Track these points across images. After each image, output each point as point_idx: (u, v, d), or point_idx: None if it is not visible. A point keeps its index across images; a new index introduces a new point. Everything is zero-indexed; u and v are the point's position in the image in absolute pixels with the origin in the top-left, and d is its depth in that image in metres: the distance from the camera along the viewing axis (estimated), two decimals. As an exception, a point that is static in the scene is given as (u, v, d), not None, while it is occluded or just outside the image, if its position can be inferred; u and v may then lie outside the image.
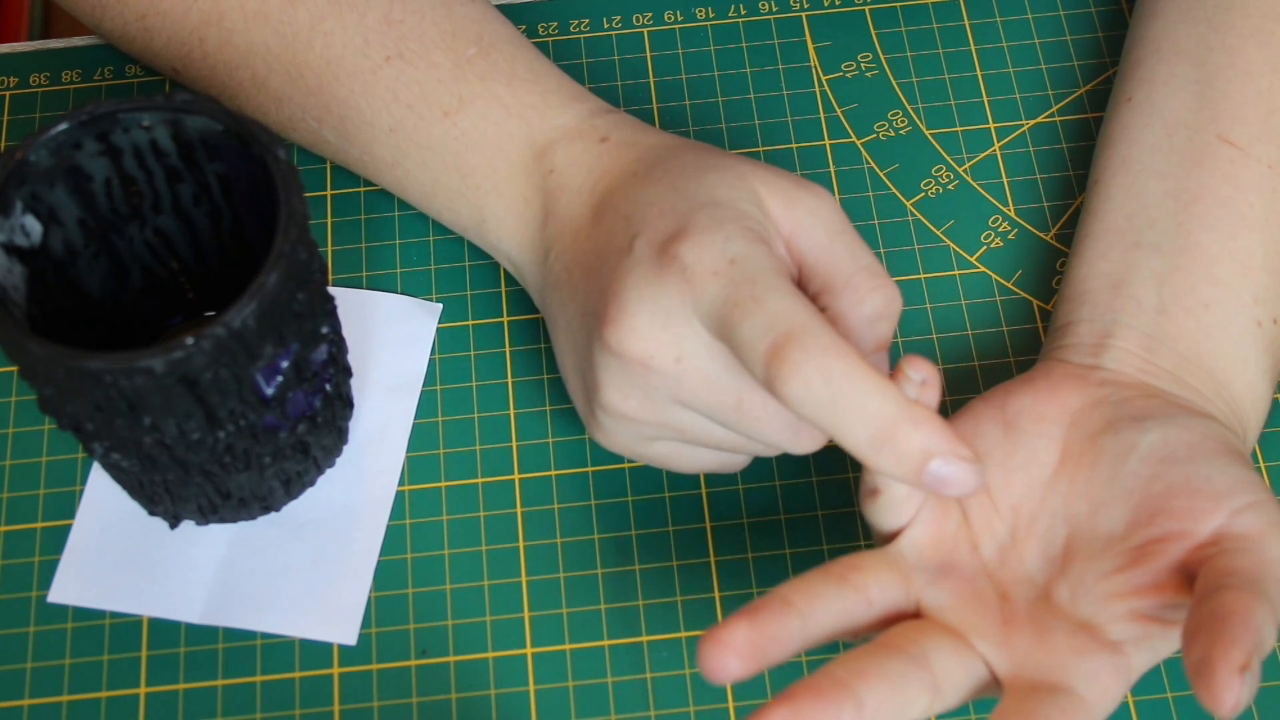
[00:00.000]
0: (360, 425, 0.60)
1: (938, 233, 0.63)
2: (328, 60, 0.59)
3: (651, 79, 0.67)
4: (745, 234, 0.49)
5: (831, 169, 0.65)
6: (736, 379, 0.49)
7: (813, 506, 0.58)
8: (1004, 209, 0.64)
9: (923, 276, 0.62)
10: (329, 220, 0.64)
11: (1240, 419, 0.53)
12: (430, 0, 0.59)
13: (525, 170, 0.57)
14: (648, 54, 0.68)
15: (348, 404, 0.58)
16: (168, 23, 0.61)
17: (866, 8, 0.69)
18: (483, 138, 0.57)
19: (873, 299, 0.50)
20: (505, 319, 0.62)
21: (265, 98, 0.61)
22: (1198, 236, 0.55)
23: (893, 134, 0.66)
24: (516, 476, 0.59)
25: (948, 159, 0.65)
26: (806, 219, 0.51)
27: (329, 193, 0.65)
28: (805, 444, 0.51)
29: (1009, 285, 0.62)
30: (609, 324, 0.50)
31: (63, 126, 0.51)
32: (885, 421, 0.44)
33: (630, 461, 0.59)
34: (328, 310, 0.53)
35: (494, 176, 0.57)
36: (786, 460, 0.59)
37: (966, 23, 0.68)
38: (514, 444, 0.60)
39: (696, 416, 0.51)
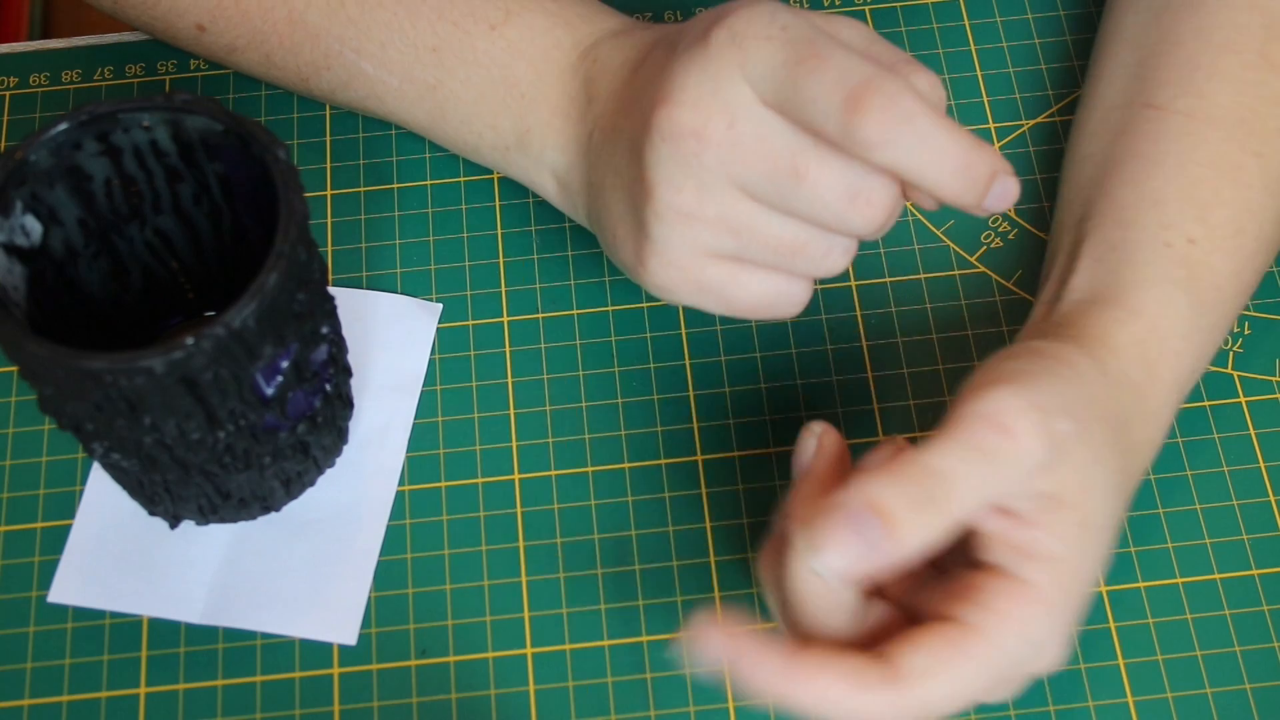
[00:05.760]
0: (360, 425, 0.60)
1: (938, 233, 0.63)
2: None
3: (651, 79, 0.67)
4: (790, 8, 0.50)
5: (831, 169, 0.65)
6: (791, 141, 0.49)
7: (813, 506, 0.58)
8: (1004, 209, 0.64)
9: (923, 276, 0.62)
10: (329, 220, 0.64)
11: (1158, 336, 0.54)
12: None
13: (571, 69, 0.57)
14: (648, 54, 0.67)
15: (348, 404, 0.58)
16: None
17: (866, 8, 0.68)
18: (530, 46, 0.58)
19: (920, 77, 0.50)
20: (505, 319, 0.62)
21: (301, 35, 0.61)
22: (1114, 194, 0.56)
23: (893, 134, 0.66)
24: (516, 476, 0.59)
25: (948, 159, 0.65)
26: (845, 31, 0.51)
27: (329, 193, 0.65)
28: (862, 212, 0.50)
29: (1009, 285, 0.62)
30: (659, 107, 0.50)
31: (63, 126, 0.51)
32: (964, 152, 0.48)
33: (630, 461, 0.59)
34: (328, 310, 0.53)
35: (540, 83, 0.58)
36: (786, 460, 0.59)
37: (966, 23, 0.68)
38: (514, 444, 0.60)
39: (753, 206, 0.51)
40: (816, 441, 0.50)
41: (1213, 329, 0.55)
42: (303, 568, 0.57)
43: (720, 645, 0.47)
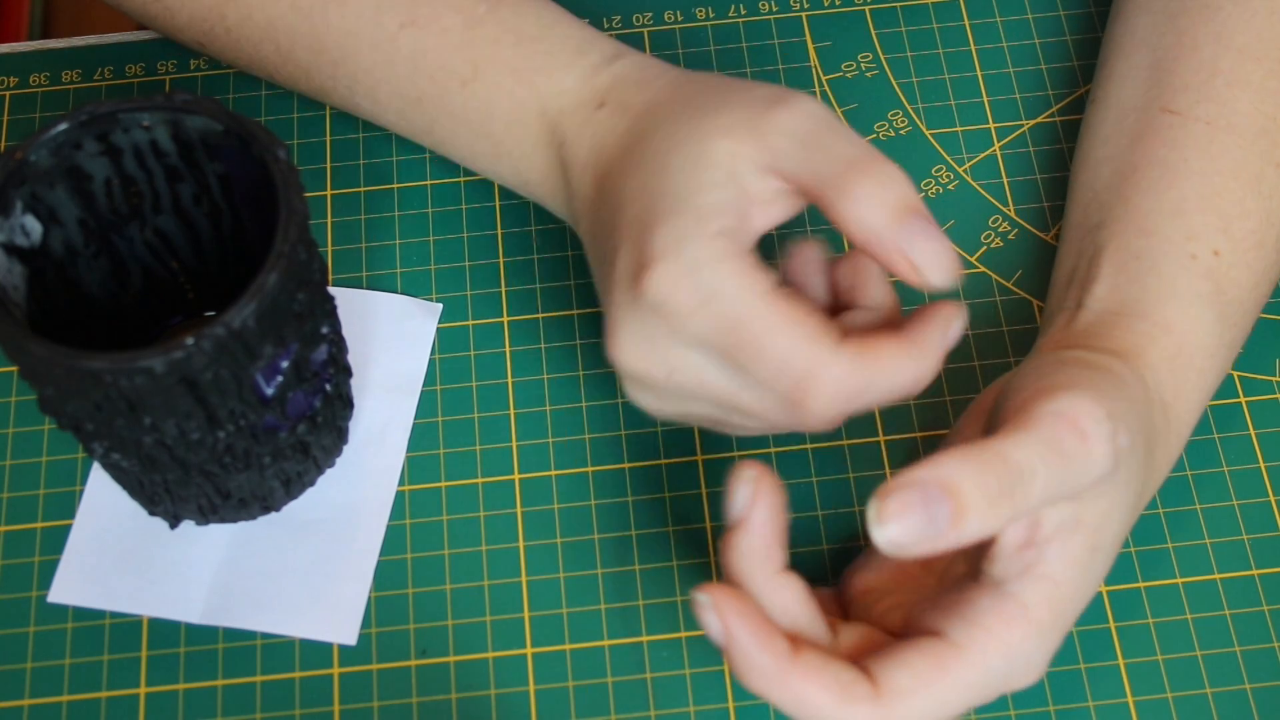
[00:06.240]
0: (360, 425, 0.60)
1: (938, 233, 0.63)
2: (346, 31, 0.59)
3: (651, 79, 0.67)
4: (708, 253, 0.49)
5: (831, 169, 0.65)
6: (730, 378, 0.50)
7: (812, 506, 0.58)
8: (1004, 209, 0.64)
9: (923, 276, 0.62)
10: (329, 220, 0.64)
11: (1187, 352, 0.54)
12: None
13: (545, 142, 0.57)
14: (647, 54, 0.67)
15: (348, 404, 0.58)
16: (187, 1, 0.61)
17: (866, 8, 0.68)
18: (499, 108, 0.57)
19: (861, 189, 0.48)
20: (505, 319, 0.62)
21: (294, 69, 0.61)
22: (1135, 201, 0.56)
23: (893, 134, 0.66)
24: (516, 476, 0.59)
25: (948, 159, 0.65)
26: (778, 142, 0.50)
27: (329, 193, 0.65)
28: (807, 424, 0.51)
29: (1009, 285, 0.62)
30: (607, 338, 0.51)
31: (63, 126, 0.51)
32: (915, 373, 0.49)
33: (630, 461, 0.59)
34: (328, 310, 0.53)
35: (520, 146, 0.58)
36: (787, 460, 0.59)
37: (966, 23, 0.68)
38: (514, 444, 0.60)
39: (707, 410, 0.52)
40: (751, 488, 0.49)
41: (1233, 345, 0.55)
42: (303, 568, 0.57)
43: (724, 626, 0.47)
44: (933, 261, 0.48)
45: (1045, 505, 0.46)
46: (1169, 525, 0.58)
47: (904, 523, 0.44)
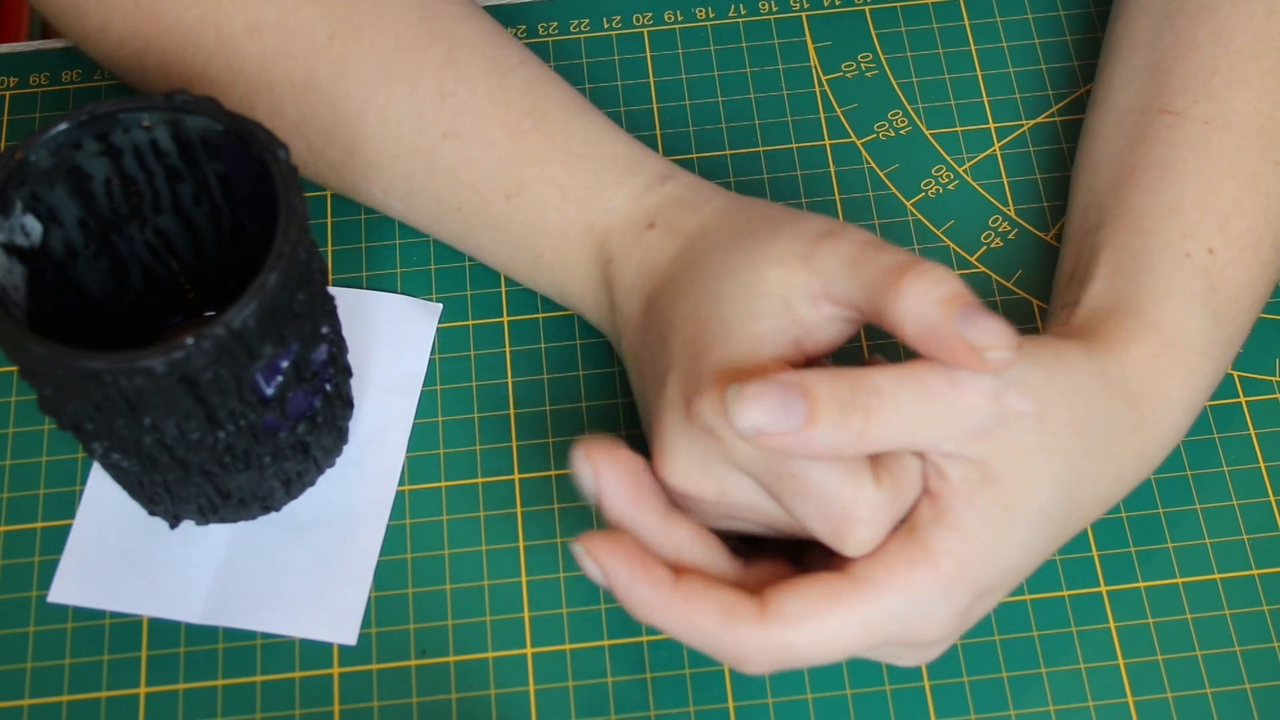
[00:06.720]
0: (360, 425, 0.60)
1: (938, 233, 0.63)
2: (384, 136, 0.58)
3: (651, 79, 0.67)
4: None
5: (831, 169, 0.65)
6: (774, 504, 0.50)
7: (813, 506, 0.58)
8: (1004, 209, 0.64)
9: (923, 276, 0.62)
10: (329, 220, 0.64)
11: (1173, 350, 0.54)
12: (482, 65, 0.58)
13: (591, 258, 0.57)
14: (648, 54, 0.68)
15: (348, 404, 0.58)
16: (214, 92, 0.60)
17: (866, 8, 0.69)
18: (545, 223, 0.57)
19: (910, 289, 0.48)
20: (505, 319, 0.62)
21: (324, 167, 0.60)
22: (1132, 201, 0.56)
23: (893, 134, 0.66)
24: (516, 476, 0.59)
25: (948, 159, 0.65)
26: (827, 267, 0.50)
27: (329, 193, 0.65)
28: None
29: (1009, 285, 0.62)
30: (656, 458, 0.51)
31: (63, 126, 0.51)
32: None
33: (630, 461, 0.59)
34: (328, 310, 0.53)
35: (564, 260, 0.57)
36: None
37: (966, 23, 0.68)
38: (514, 444, 0.60)
39: (752, 525, 0.52)
40: (589, 466, 0.50)
41: (1229, 342, 0.55)
42: (303, 568, 0.57)
43: (600, 567, 0.48)
44: (991, 340, 0.47)
45: (914, 440, 0.47)
46: (1169, 525, 0.58)
47: (760, 406, 0.45)
